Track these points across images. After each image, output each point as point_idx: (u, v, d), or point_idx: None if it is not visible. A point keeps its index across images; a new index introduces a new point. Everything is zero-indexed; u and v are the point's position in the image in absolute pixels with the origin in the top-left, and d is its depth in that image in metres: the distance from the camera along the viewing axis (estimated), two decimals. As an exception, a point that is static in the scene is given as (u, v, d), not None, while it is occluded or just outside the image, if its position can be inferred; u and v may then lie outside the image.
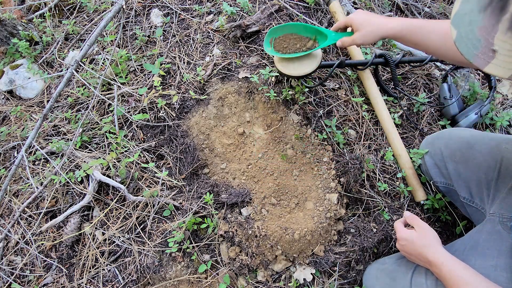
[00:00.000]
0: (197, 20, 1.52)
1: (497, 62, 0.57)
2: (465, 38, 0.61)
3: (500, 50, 0.57)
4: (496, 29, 0.56)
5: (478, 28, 0.58)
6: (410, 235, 0.95)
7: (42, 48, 1.64)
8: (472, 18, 0.60)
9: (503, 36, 0.56)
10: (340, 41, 1.13)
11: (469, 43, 0.60)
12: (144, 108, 1.38)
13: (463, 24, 0.61)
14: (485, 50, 0.58)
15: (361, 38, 1.06)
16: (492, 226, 0.92)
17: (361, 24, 1.06)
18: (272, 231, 1.19)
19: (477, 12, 0.59)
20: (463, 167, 1.07)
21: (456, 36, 0.63)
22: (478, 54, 0.59)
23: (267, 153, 1.34)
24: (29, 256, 1.29)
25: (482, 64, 0.59)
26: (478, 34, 0.59)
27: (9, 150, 1.49)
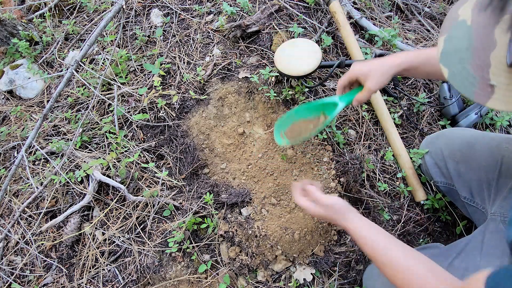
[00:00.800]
0: (197, 20, 1.52)
1: (497, 97, 0.58)
2: (458, 76, 0.61)
3: (498, 85, 0.57)
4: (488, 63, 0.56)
5: (470, 65, 0.59)
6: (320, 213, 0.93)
7: (42, 48, 1.64)
8: (461, 55, 0.60)
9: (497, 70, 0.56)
10: (355, 101, 1.01)
11: (465, 81, 0.60)
12: (144, 108, 1.38)
13: (453, 63, 0.62)
14: (483, 86, 0.58)
15: (375, 85, 0.97)
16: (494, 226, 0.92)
17: (368, 72, 0.97)
18: (272, 231, 1.19)
19: (464, 49, 0.59)
20: (464, 166, 1.07)
21: (449, 74, 0.63)
22: (476, 90, 0.59)
23: (267, 153, 1.34)
24: (29, 256, 1.29)
25: (483, 100, 0.59)
26: (472, 71, 0.59)
27: (9, 150, 1.49)
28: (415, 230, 1.29)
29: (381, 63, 0.97)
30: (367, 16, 1.62)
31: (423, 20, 1.76)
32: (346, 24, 1.41)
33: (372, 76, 0.97)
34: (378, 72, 0.97)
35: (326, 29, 1.47)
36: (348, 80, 1.02)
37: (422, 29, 1.72)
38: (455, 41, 0.61)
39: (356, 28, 1.56)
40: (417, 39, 1.66)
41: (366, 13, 1.63)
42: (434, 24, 1.77)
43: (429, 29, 1.73)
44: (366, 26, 1.53)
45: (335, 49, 1.48)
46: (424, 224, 1.30)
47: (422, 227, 1.29)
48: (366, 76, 0.97)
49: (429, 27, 1.74)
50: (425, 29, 1.73)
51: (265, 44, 1.43)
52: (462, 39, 0.60)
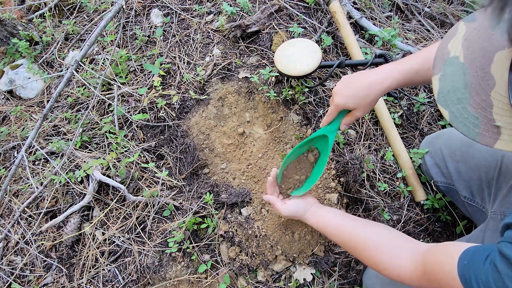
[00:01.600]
0: (197, 20, 1.52)
1: (506, 138, 0.54)
2: (460, 117, 0.57)
3: (503, 125, 0.53)
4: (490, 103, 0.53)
5: (470, 105, 0.55)
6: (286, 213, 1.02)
7: (42, 48, 1.64)
8: (459, 95, 0.56)
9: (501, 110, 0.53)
10: (343, 125, 1.00)
11: (467, 122, 0.56)
12: (144, 108, 1.38)
13: (452, 103, 0.58)
14: (487, 127, 0.54)
15: (363, 112, 0.95)
16: (495, 224, 0.92)
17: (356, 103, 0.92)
18: (272, 231, 1.19)
19: (461, 88, 0.56)
20: (464, 166, 1.07)
21: (450, 116, 0.58)
22: (481, 132, 0.55)
23: (267, 153, 1.34)
24: (29, 256, 1.29)
25: (490, 142, 0.55)
26: (473, 111, 0.55)
27: (9, 150, 1.49)
28: (415, 230, 1.29)
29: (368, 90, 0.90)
30: (367, 16, 1.63)
31: (423, 20, 1.77)
32: (346, 24, 1.41)
33: (359, 107, 0.93)
34: (365, 103, 0.92)
35: (326, 29, 1.47)
36: (335, 113, 0.98)
37: (422, 29, 1.72)
38: (450, 80, 0.58)
39: (356, 28, 1.56)
40: (417, 39, 1.66)
41: (366, 13, 1.64)
42: (434, 24, 1.77)
43: (429, 29, 1.73)
44: (366, 26, 1.53)
45: (335, 49, 1.48)
46: (424, 224, 1.30)
47: (422, 227, 1.29)
48: (353, 108, 0.94)
49: (429, 27, 1.75)
50: (425, 29, 1.73)
51: (265, 44, 1.43)
52: (457, 77, 0.57)
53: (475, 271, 0.56)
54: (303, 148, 1.10)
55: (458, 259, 0.60)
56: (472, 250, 0.60)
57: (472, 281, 0.56)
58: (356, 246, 0.87)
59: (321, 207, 1.03)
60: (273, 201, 1.05)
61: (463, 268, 0.58)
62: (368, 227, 0.89)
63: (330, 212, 1.00)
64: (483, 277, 0.54)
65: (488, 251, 0.57)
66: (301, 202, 1.03)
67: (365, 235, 0.86)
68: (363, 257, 0.84)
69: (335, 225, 0.94)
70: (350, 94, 0.92)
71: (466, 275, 0.57)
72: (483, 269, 0.55)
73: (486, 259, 0.56)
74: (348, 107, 0.94)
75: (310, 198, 1.07)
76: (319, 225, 0.98)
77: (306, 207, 1.03)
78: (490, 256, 0.56)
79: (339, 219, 0.95)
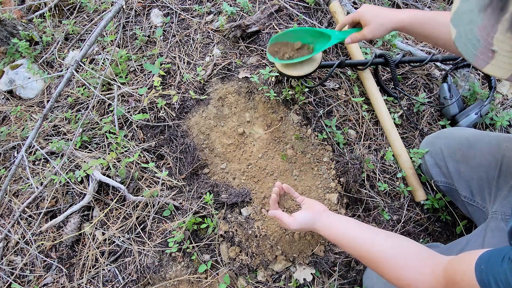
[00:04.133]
0: (197, 20, 1.52)
1: (496, 63, 0.57)
2: (464, 37, 0.60)
3: (499, 51, 0.56)
4: (495, 29, 0.56)
5: (478, 28, 0.58)
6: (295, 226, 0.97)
7: (42, 48, 1.64)
8: (472, 17, 0.59)
9: (502, 37, 0.55)
10: (349, 38, 1.10)
11: (468, 43, 0.60)
12: (144, 108, 1.38)
13: (462, 23, 0.61)
14: (484, 50, 0.58)
15: (371, 32, 1.04)
16: (495, 224, 0.92)
17: (371, 18, 1.04)
18: (272, 231, 1.19)
19: (477, 11, 0.58)
20: (464, 166, 1.07)
21: (456, 35, 0.62)
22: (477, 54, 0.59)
23: (267, 153, 1.34)
24: (29, 256, 1.29)
25: (481, 64, 0.59)
26: (478, 34, 0.58)
27: (9, 150, 1.49)
28: (415, 230, 1.29)
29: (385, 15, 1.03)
30: (367, 16, 1.62)
31: (423, 20, 1.76)
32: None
33: (371, 24, 1.03)
34: (378, 20, 1.02)
35: (326, 29, 1.47)
36: (352, 19, 1.10)
37: (422, 29, 1.72)
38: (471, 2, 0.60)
39: (356, 28, 1.56)
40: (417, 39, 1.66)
41: (366, 13, 1.63)
42: (434, 24, 1.77)
43: (429, 29, 1.73)
44: (366, 26, 1.53)
45: (335, 49, 1.48)
46: (424, 224, 1.30)
47: (422, 227, 1.29)
48: (367, 21, 1.04)
49: (429, 27, 1.74)
50: (425, 29, 1.73)
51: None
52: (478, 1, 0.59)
53: (493, 273, 0.56)
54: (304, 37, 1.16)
55: (475, 265, 0.60)
56: (487, 254, 0.60)
57: (492, 283, 0.56)
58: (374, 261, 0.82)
59: (332, 215, 0.97)
60: (279, 216, 1.00)
61: (481, 272, 0.58)
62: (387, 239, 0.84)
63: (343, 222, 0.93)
64: (502, 277, 0.54)
65: (504, 252, 0.58)
66: (309, 213, 0.98)
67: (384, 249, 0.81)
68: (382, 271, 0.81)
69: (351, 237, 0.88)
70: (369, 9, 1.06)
71: (484, 279, 0.57)
72: (501, 270, 0.55)
73: (503, 260, 0.56)
74: (364, 17, 1.05)
75: (318, 205, 1.00)
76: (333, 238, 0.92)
77: (315, 217, 0.96)
78: (506, 256, 0.56)
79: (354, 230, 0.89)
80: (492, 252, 0.60)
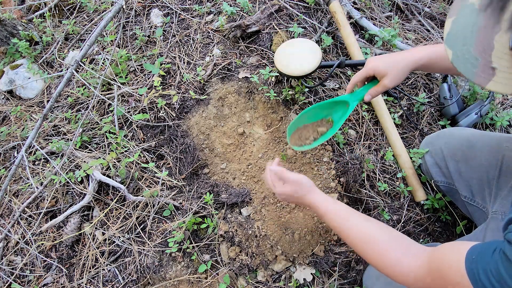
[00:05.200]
0: (197, 20, 1.52)
1: (498, 79, 0.58)
2: (461, 57, 0.61)
3: (499, 67, 0.57)
4: (492, 46, 0.57)
5: (474, 47, 0.59)
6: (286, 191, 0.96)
7: (42, 48, 1.64)
8: (465, 38, 0.60)
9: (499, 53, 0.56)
10: (368, 95, 1.01)
11: (467, 62, 0.61)
12: (144, 108, 1.38)
13: (457, 44, 0.62)
14: (484, 68, 0.59)
15: (392, 80, 0.97)
16: (495, 224, 0.92)
17: (387, 68, 0.96)
18: (272, 231, 1.19)
19: (469, 32, 0.60)
20: (464, 166, 1.07)
21: (452, 56, 0.63)
22: (478, 72, 0.60)
23: (267, 153, 1.34)
24: (29, 256, 1.29)
25: (483, 82, 0.60)
26: (475, 53, 0.59)
27: (9, 150, 1.49)
28: (415, 230, 1.29)
29: (400, 59, 0.97)
30: (367, 16, 1.62)
31: (423, 20, 1.76)
32: (346, 24, 1.41)
33: (390, 73, 0.97)
34: (396, 69, 0.97)
35: (326, 29, 1.47)
36: (364, 76, 1.02)
37: (422, 29, 1.72)
38: (462, 23, 0.61)
39: (356, 28, 1.56)
40: (417, 39, 1.66)
41: (366, 13, 1.63)
42: (434, 24, 1.77)
43: (429, 29, 1.73)
44: (366, 26, 1.53)
45: (335, 49, 1.48)
46: (424, 224, 1.30)
47: (422, 227, 1.29)
48: (384, 72, 0.98)
49: (429, 27, 1.74)
50: (425, 29, 1.73)
51: (265, 44, 1.43)
52: (469, 22, 0.60)
53: (483, 264, 0.57)
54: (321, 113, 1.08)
55: (466, 255, 0.60)
56: (479, 246, 0.61)
57: (481, 274, 0.56)
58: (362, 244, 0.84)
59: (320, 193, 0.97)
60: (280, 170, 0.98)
61: (471, 263, 0.59)
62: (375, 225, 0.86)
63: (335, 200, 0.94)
64: (493, 268, 0.55)
65: (494, 245, 0.58)
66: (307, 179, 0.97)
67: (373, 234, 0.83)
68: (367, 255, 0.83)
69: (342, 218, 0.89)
70: (381, 59, 0.98)
71: (474, 269, 0.58)
72: (491, 261, 0.56)
73: (494, 252, 0.57)
74: (378, 70, 0.98)
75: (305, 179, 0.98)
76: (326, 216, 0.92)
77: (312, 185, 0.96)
78: (498, 248, 0.57)
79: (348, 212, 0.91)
80: (483, 245, 0.61)
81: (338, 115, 1.07)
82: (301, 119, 1.09)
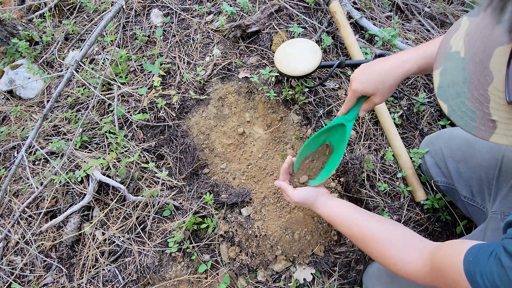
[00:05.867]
0: (197, 20, 1.52)
1: (500, 131, 0.55)
2: (458, 111, 0.59)
3: (499, 119, 0.55)
4: (487, 98, 0.55)
5: (468, 99, 0.57)
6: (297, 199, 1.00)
7: (42, 48, 1.64)
8: (458, 89, 0.58)
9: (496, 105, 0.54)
10: (362, 112, 0.98)
11: (464, 116, 0.58)
12: (144, 108, 1.38)
13: (451, 97, 0.59)
14: (483, 121, 0.56)
15: (382, 98, 0.93)
16: (495, 224, 0.92)
17: (374, 88, 0.91)
18: (272, 231, 1.19)
19: (460, 82, 0.57)
20: (464, 166, 1.07)
21: (448, 110, 0.60)
22: (478, 126, 0.57)
23: (267, 153, 1.34)
24: (29, 256, 1.29)
25: (486, 135, 0.57)
26: (471, 106, 0.57)
27: (9, 150, 1.49)
28: (415, 230, 1.29)
29: (386, 77, 0.89)
30: (367, 16, 1.63)
31: (423, 20, 1.77)
32: (346, 24, 1.41)
33: (378, 93, 0.92)
34: (383, 87, 0.90)
35: (326, 29, 1.47)
36: (353, 100, 0.97)
37: (422, 29, 1.72)
38: (450, 74, 0.59)
39: (356, 28, 1.56)
40: (417, 39, 1.66)
41: (366, 13, 1.64)
42: (434, 24, 1.77)
43: (429, 29, 1.73)
44: (366, 26, 1.53)
45: (335, 49, 1.48)
46: (424, 224, 1.30)
47: (422, 227, 1.29)
48: (371, 92, 0.92)
49: (429, 27, 1.74)
50: (425, 29, 1.73)
51: (265, 44, 1.43)
52: (457, 72, 0.58)
53: (480, 267, 0.57)
54: (319, 139, 1.07)
55: (464, 256, 0.61)
56: (477, 247, 0.61)
57: (477, 276, 0.56)
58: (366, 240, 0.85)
59: (333, 198, 1.01)
60: (284, 187, 1.03)
61: (469, 264, 0.59)
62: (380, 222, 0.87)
63: (342, 204, 0.97)
64: (488, 272, 0.55)
65: (492, 248, 0.58)
66: (312, 190, 1.01)
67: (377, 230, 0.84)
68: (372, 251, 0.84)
69: (346, 217, 0.92)
70: (367, 79, 0.91)
71: (471, 271, 0.58)
72: (487, 265, 0.56)
73: (490, 255, 0.57)
74: (366, 92, 0.92)
75: (322, 188, 1.04)
76: (330, 216, 0.96)
77: (317, 196, 1.00)
78: (494, 252, 0.57)
79: (351, 212, 0.93)
80: (482, 246, 0.61)
81: (336, 137, 1.06)
82: (303, 154, 1.09)
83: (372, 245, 0.84)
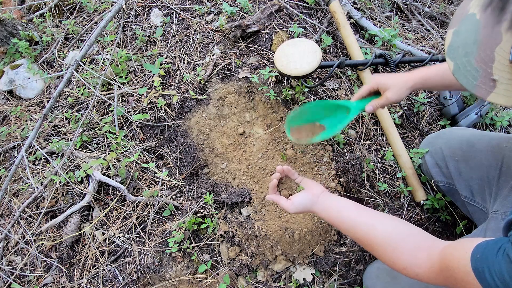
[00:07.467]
0: (197, 20, 1.52)
1: (498, 91, 0.58)
2: (463, 69, 0.62)
3: (500, 79, 0.57)
4: (492, 57, 0.57)
5: (475, 59, 0.59)
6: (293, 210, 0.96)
7: (42, 48, 1.64)
8: (467, 49, 0.61)
9: (500, 65, 0.56)
10: (370, 106, 1.03)
11: (468, 74, 0.61)
12: (144, 108, 1.38)
13: (458, 56, 0.62)
14: (485, 80, 0.59)
15: (394, 94, 1.01)
16: (495, 224, 0.92)
17: (389, 82, 1.02)
18: (272, 231, 1.19)
19: (471, 43, 0.60)
20: (464, 166, 1.07)
21: (454, 67, 0.63)
22: (478, 84, 0.60)
23: (267, 153, 1.34)
24: (29, 256, 1.29)
25: (484, 94, 0.60)
26: (476, 65, 0.59)
27: (9, 150, 1.49)
28: (415, 230, 1.29)
29: (401, 76, 1.03)
30: (367, 16, 1.63)
31: (423, 20, 1.77)
32: (346, 24, 1.41)
33: (393, 88, 1.01)
34: (398, 83, 1.01)
35: (326, 29, 1.47)
36: (369, 90, 1.06)
37: (422, 29, 1.72)
38: (463, 34, 0.61)
39: (356, 28, 1.56)
40: (417, 39, 1.66)
41: (366, 13, 1.64)
42: (434, 24, 1.77)
43: (429, 29, 1.73)
44: (366, 26, 1.53)
45: (335, 49, 1.48)
46: (424, 224, 1.30)
47: (422, 227, 1.29)
48: (387, 86, 1.02)
49: (429, 27, 1.74)
50: (425, 29, 1.73)
51: (265, 44, 1.43)
52: (470, 33, 0.60)
53: (488, 263, 0.57)
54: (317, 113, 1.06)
55: (471, 253, 0.61)
56: (484, 244, 0.61)
57: (486, 273, 0.56)
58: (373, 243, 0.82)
59: (330, 196, 0.96)
60: (277, 199, 0.99)
61: (476, 261, 0.59)
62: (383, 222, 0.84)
63: (341, 203, 0.93)
64: (497, 268, 0.55)
65: (499, 244, 0.58)
66: (306, 195, 0.96)
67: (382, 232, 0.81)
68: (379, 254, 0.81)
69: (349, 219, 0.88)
70: (385, 75, 1.05)
71: (479, 268, 0.58)
72: (496, 261, 0.56)
73: (498, 251, 0.57)
74: (381, 83, 1.02)
75: (316, 187, 0.98)
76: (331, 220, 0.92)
77: (313, 199, 0.95)
78: (502, 248, 0.57)
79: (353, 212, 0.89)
80: (488, 242, 0.61)
81: (333, 121, 1.06)
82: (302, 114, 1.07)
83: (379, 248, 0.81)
